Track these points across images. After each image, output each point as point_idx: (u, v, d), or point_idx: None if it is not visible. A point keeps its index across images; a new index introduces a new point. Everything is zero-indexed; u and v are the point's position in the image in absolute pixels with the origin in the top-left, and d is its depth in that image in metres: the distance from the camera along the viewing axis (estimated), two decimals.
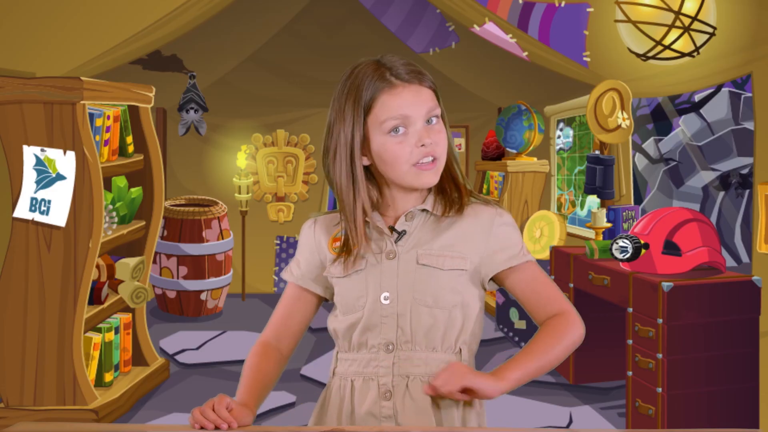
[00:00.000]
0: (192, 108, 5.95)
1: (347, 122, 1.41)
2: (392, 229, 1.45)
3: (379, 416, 1.41)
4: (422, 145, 1.39)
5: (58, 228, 3.42)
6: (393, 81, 1.40)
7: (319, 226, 1.52)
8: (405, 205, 1.46)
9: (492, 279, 1.47)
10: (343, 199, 1.43)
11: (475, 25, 4.38)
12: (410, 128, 1.40)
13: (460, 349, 1.44)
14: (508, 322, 4.74)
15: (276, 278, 6.30)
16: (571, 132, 5.20)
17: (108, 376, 3.73)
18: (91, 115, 3.53)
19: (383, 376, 1.42)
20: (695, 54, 3.84)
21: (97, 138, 3.58)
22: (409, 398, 1.41)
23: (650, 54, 3.91)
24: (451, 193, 1.46)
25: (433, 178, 1.42)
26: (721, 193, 7.19)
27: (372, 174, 1.47)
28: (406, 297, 1.41)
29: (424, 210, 1.46)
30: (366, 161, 1.43)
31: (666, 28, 3.81)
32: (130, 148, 3.92)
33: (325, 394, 1.52)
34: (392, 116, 1.39)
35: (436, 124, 1.42)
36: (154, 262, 5.36)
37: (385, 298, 1.41)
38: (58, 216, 3.41)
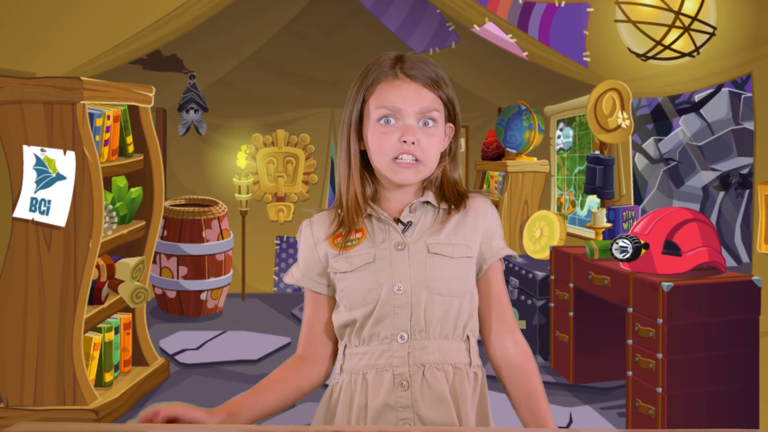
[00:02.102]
0: (192, 108, 5.95)
1: (350, 101, 1.48)
2: (397, 220, 1.47)
3: (396, 406, 1.41)
4: (404, 141, 1.41)
5: (58, 228, 3.42)
6: (398, 73, 1.44)
7: (316, 225, 1.53)
8: (402, 198, 1.49)
9: None
10: (340, 174, 1.49)
11: (475, 25, 4.38)
12: (399, 122, 1.43)
13: (468, 336, 1.46)
14: None
15: (276, 278, 6.29)
16: (571, 132, 5.20)
17: (108, 376, 3.73)
18: (91, 115, 3.53)
19: (398, 366, 1.42)
20: (695, 54, 3.84)
21: (97, 138, 3.58)
22: (427, 387, 1.41)
23: (650, 54, 3.91)
24: (451, 194, 1.50)
25: (410, 177, 1.44)
26: (721, 193, 7.19)
27: (371, 167, 1.49)
28: (419, 286, 1.42)
29: (426, 202, 1.48)
30: (362, 146, 1.48)
31: (666, 28, 3.81)
32: (130, 148, 3.92)
33: (331, 392, 1.50)
34: (384, 105, 1.43)
35: (431, 127, 1.44)
36: (154, 262, 5.36)
37: (398, 289, 1.42)
38: (58, 216, 3.41)
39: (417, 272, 1.42)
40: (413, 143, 1.42)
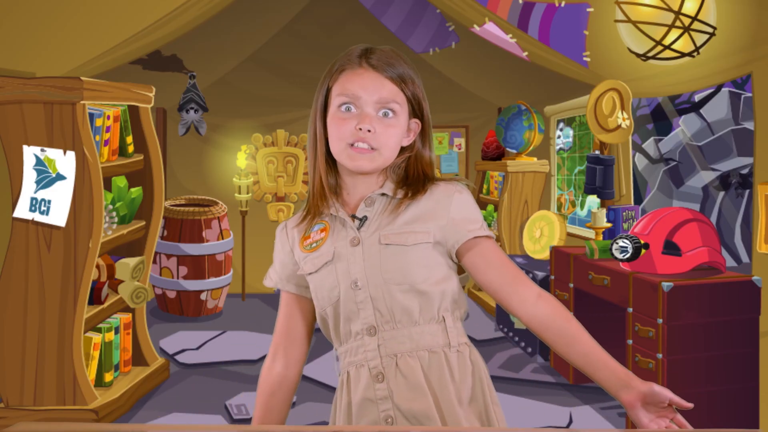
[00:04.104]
0: (192, 108, 5.95)
1: (318, 89, 1.51)
2: (354, 217, 1.48)
3: (375, 399, 1.43)
4: (359, 129, 1.43)
5: (58, 228, 3.42)
6: (362, 62, 1.47)
7: (291, 228, 1.56)
8: (363, 190, 1.50)
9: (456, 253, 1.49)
10: (308, 163, 1.53)
11: (475, 25, 4.38)
12: (358, 110, 1.45)
13: (443, 317, 1.45)
14: (508, 323, 4.74)
15: None
16: (571, 132, 5.20)
17: (108, 376, 3.73)
18: (91, 115, 3.53)
19: (372, 359, 1.44)
20: (695, 54, 3.84)
21: (97, 138, 3.58)
22: (401, 376, 1.42)
23: (650, 54, 3.91)
24: (415, 181, 1.50)
25: (365, 164, 1.45)
26: (721, 193, 7.19)
27: (334, 160, 1.51)
28: (375, 279, 1.43)
29: (383, 194, 1.49)
30: (327, 134, 1.50)
31: (666, 28, 3.81)
32: (130, 148, 3.92)
33: (335, 393, 1.55)
34: (344, 92, 1.45)
35: (390, 118, 1.46)
36: (154, 262, 5.36)
37: (356, 285, 1.44)
38: (58, 216, 3.41)
39: (371, 266, 1.43)
40: (369, 131, 1.43)
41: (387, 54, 1.48)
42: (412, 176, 1.50)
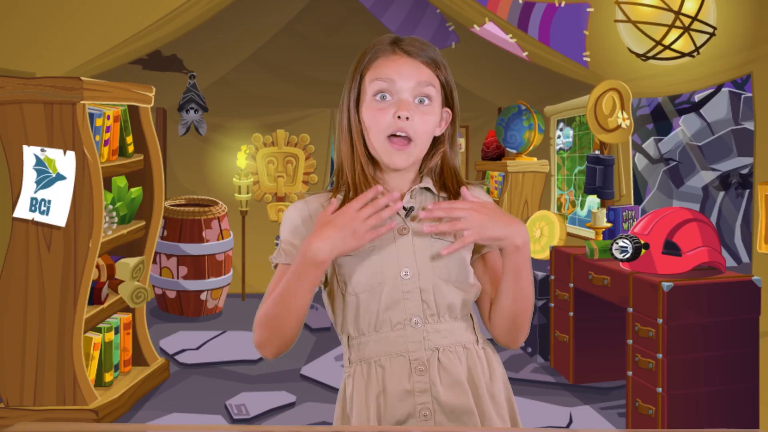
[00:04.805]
0: (192, 108, 5.95)
1: (348, 80, 1.47)
2: None
3: (414, 391, 1.41)
4: (398, 117, 1.41)
5: (58, 228, 3.42)
6: (395, 50, 1.45)
7: (314, 207, 1.49)
8: (399, 183, 1.48)
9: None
10: (342, 153, 1.47)
11: (475, 25, 4.38)
12: (395, 97, 1.43)
13: (471, 315, 1.49)
14: None
15: None
16: (571, 132, 5.20)
17: (108, 376, 3.73)
18: (91, 115, 3.53)
19: (414, 351, 1.43)
20: (695, 54, 3.84)
21: (97, 138, 3.58)
22: (443, 370, 1.42)
23: (650, 54, 3.91)
24: (451, 183, 1.50)
25: (401, 162, 1.44)
26: (721, 193, 7.19)
27: (367, 154, 1.48)
28: (427, 272, 1.43)
29: (425, 189, 1.49)
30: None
31: (666, 28, 3.81)
32: (130, 148, 3.92)
33: (344, 385, 1.49)
34: (379, 77, 1.43)
35: (426, 105, 1.44)
36: (154, 262, 5.36)
37: (406, 274, 1.42)
38: (58, 216, 3.41)
39: (423, 257, 1.43)
40: (407, 119, 1.41)
41: (418, 40, 1.47)
42: (447, 175, 1.51)
